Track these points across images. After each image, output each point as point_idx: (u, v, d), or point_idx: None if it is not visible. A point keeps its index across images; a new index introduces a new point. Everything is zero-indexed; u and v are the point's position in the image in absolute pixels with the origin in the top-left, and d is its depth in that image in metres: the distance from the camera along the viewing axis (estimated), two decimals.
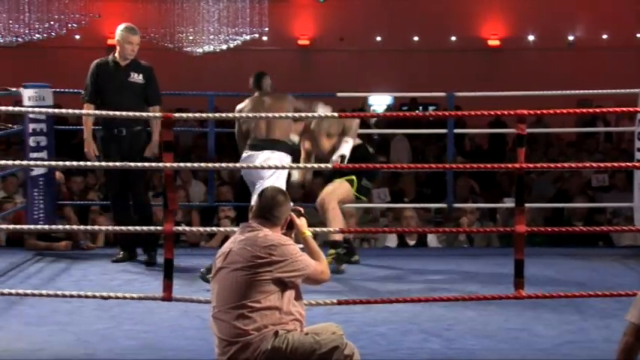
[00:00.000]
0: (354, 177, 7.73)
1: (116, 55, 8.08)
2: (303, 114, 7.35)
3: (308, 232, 4.84)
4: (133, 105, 7.69)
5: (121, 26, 8.10)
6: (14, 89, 8.79)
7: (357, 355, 4.49)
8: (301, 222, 4.83)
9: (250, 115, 7.00)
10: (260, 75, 7.70)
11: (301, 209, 4.97)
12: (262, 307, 4.42)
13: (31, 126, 8.65)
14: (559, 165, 8.72)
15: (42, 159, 8.61)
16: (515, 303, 6.54)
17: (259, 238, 4.55)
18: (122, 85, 8.01)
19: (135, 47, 8.05)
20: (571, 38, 22.15)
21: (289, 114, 7.18)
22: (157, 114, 7.31)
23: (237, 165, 6.50)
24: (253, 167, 6.96)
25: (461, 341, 5.86)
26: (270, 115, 7.02)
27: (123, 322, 6.24)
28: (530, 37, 22.08)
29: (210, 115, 7.48)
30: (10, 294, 6.20)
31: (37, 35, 17.55)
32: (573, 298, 6.54)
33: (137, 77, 8.04)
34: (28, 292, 6.20)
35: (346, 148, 7.69)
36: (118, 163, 6.91)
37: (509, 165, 6.34)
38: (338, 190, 7.69)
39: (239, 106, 7.53)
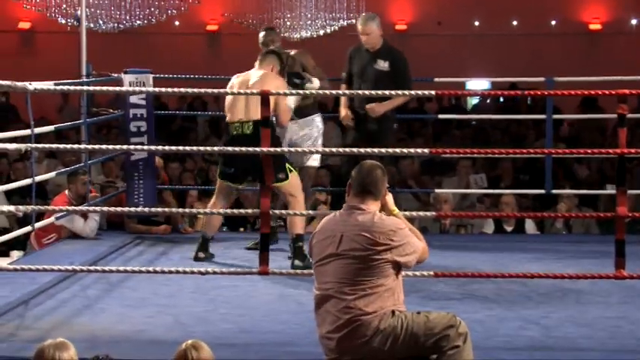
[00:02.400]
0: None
1: None
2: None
3: (396, 209, 4.82)
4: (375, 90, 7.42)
5: None
6: (115, 75, 8.95)
7: (469, 334, 4.48)
8: (390, 199, 4.80)
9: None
10: None
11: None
12: (381, 290, 4.45)
13: (132, 111, 8.81)
14: None
15: (142, 144, 8.76)
16: (615, 292, 6.45)
17: (375, 222, 4.53)
18: (366, 71, 8.02)
19: (363, 37, 7.98)
20: None
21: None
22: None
23: (334, 150, 6.51)
24: (356, 153, 6.86)
25: (559, 329, 5.79)
26: None
27: (219, 305, 6.31)
28: (634, 21, 21.60)
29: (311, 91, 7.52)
30: (112, 271, 6.60)
31: (137, 22, 17.76)
32: None
33: (383, 64, 7.98)
34: (128, 269, 6.55)
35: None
36: (194, 148, 7.47)
37: (610, 150, 6.23)
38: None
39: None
